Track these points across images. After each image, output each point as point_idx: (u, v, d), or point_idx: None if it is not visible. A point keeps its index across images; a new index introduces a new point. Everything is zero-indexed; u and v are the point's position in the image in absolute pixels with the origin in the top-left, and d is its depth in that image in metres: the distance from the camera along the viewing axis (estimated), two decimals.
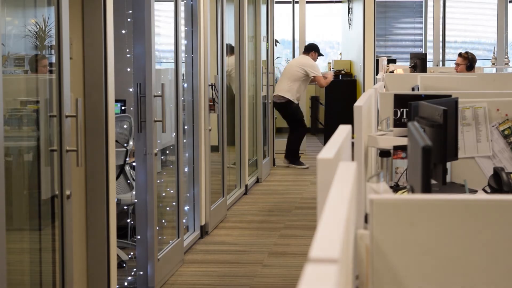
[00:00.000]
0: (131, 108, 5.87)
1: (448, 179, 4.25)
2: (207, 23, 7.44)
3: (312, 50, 11.55)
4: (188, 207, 6.90)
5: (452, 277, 1.76)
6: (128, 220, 6.25)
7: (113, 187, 4.96)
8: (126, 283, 5.65)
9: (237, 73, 9.25)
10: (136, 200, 5.81)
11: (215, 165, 7.95)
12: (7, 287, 3.46)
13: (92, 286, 4.82)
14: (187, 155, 6.90)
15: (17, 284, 3.92)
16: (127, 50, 5.89)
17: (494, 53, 13.99)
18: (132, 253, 6.04)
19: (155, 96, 5.71)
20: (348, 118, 3.43)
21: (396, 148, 4.85)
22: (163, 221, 6.21)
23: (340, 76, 14.20)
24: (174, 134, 6.47)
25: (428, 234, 1.76)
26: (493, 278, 1.75)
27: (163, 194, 6.42)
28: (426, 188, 3.00)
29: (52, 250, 4.18)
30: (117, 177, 5.60)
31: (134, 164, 5.90)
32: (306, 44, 12.03)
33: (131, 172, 6.31)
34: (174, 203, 6.42)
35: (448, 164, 4.25)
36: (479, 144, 4.56)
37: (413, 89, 6.64)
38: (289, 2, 14.24)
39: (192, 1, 7.02)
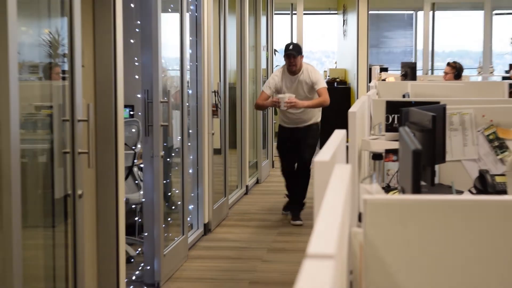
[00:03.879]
0: (139, 113, 5.87)
1: (436, 181, 4.25)
2: (211, 34, 7.45)
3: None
4: (192, 206, 6.90)
5: (440, 272, 1.76)
6: (136, 218, 6.25)
7: (122, 187, 4.96)
8: (134, 277, 5.66)
9: (238, 80, 9.26)
10: (143, 199, 5.81)
11: (217, 167, 7.96)
12: (23, 280, 3.46)
13: (102, 279, 4.82)
14: (191, 157, 6.91)
15: (32, 278, 3.92)
16: (135, 59, 5.90)
17: (480, 62, 14.00)
18: (139, 249, 6.05)
19: (161, 101, 5.72)
20: (342, 123, 3.44)
21: (388, 151, 4.86)
22: (169, 219, 6.22)
23: (335, 83, 14.20)
24: (180, 137, 6.48)
25: (418, 232, 1.77)
26: (478, 274, 1.76)
27: (169, 194, 6.42)
28: (416, 189, 3.01)
29: (65, 246, 4.18)
30: (126, 178, 5.60)
31: (141, 165, 5.91)
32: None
33: (139, 173, 6.32)
34: (179, 202, 6.43)
35: (437, 167, 4.25)
36: (465, 148, 4.56)
37: (404, 96, 6.64)
38: (288, 14, 14.24)
39: (196, 12, 7.03)
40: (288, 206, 7.81)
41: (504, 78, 12.76)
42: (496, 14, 14.30)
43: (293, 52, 7.16)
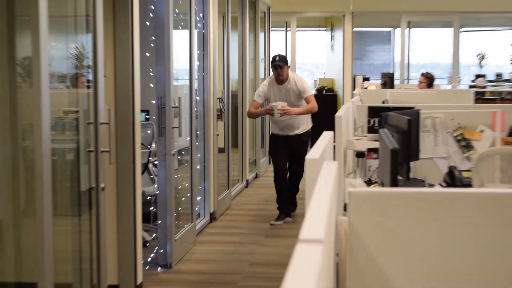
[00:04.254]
0: (154, 117, 5.87)
1: (411, 176, 4.26)
2: (216, 48, 7.45)
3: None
4: (199, 198, 6.90)
5: (415, 255, 1.77)
6: (151, 208, 6.24)
7: (139, 181, 4.96)
8: (149, 259, 5.65)
9: (240, 88, 9.26)
10: (157, 192, 5.81)
11: (221, 164, 7.96)
12: (54, 262, 3.46)
13: (122, 261, 4.82)
14: (199, 155, 6.91)
15: (62, 259, 3.92)
16: (150, 70, 5.90)
17: (449, 73, 14.00)
18: (154, 235, 6.04)
19: (173, 107, 5.72)
20: (330, 125, 3.44)
21: (370, 150, 4.86)
22: (180, 209, 6.22)
23: (324, 91, 14.20)
24: (189, 138, 6.48)
25: (396, 220, 1.77)
26: (448, 256, 1.76)
27: (180, 187, 6.42)
28: (394, 183, 3.01)
29: (89, 232, 4.18)
30: (142, 173, 5.60)
31: (156, 162, 5.91)
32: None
33: (153, 169, 6.31)
34: (188, 194, 6.43)
35: (412, 163, 4.25)
36: (436, 147, 4.56)
37: (383, 102, 6.64)
38: (283, 30, 14.22)
39: (203, 29, 7.03)
40: (280, 216, 7.07)
41: (470, 86, 12.77)
42: (463, 31, 14.31)
43: (280, 63, 6.73)
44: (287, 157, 7.01)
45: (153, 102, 5.80)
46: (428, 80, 10.17)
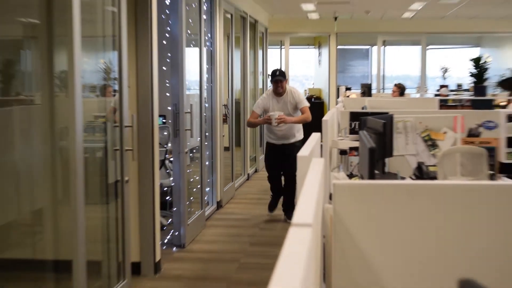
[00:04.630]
0: (169, 121, 5.87)
1: (386, 170, 4.26)
2: (221, 63, 7.45)
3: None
4: (208, 189, 6.91)
5: (389, 236, 1.77)
6: (167, 197, 6.25)
7: (157, 175, 4.96)
8: (166, 241, 5.66)
9: (242, 97, 9.27)
10: (173, 184, 5.82)
11: (226, 160, 7.96)
12: (86, 243, 3.47)
13: (143, 242, 4.82)
14: (207, 153, 6.91)
15: (92, 240, 3.93)
16: (167, 81, 5.89)
17: (418, 84, 14.01)
18: (170, 220, 6.05)
19: (186, 112, 5.73)
20: (318, 128, 3.45)
21: (351, 148, 4.86)
22: (191, 198, 6.22)
23: (313, 99, 14.21)
24: (199, 138, 6.49)
25: (373, 208, 1.77)
26: (416, 239, 1.76)
27: (191, 179, 6.43)
28: (371, 176, 3.02)
29: (115, 218, 4.18)
30: (160, 168, 5.61)
31: (171, 159, 5.91)
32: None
33: (169, 165, 6.32)
34: (198, 186, 6.44)
35: (386, 160, 4.26)
36: (407, 146, 4.56)
37: (362, 108, 6.65)
38: (278, 48, 14.23)
39: (211, 47, 7.03)
40: (272, 205, 6.88)
41: (435, 95, 12.78)
42: (429, 48, 14.31)
43: (280, 78, 6.30)
44: (281, 165, 6.56)
45: (169, 108, 5.81)
46: (400, 89, 10.18)
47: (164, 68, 5.85)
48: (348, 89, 12.34)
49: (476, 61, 13.63)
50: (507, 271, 1.73)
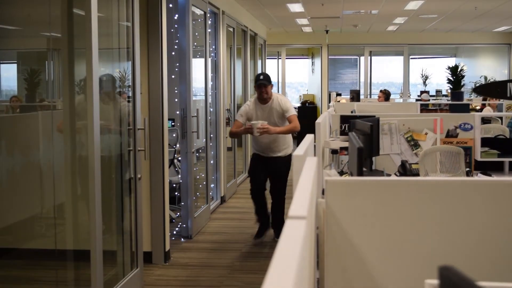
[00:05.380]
0: (178, 124, 5.87)
1: (373, 167, 4.26)
2: (224, 71, 7.45)
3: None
4: (213, 185, 6.90)
5: (376, 228, 1.77)
6: (176, 193, 6.25)
7: (167, 172, 4.96)
8: (174, 232, 5.65)
9: (243, 102, 9.27)
10: (181, 181, 5.82)
11: (229, 159, 7.96)
12: (104, 232, 3.46)
13: (154, 233, 4.82)
14: (212, 152, 6.91)
15: (108, 231, 3.93)
16: (175, 88, 5.90)
17: (401, 90, 14.00)
18: (178, 213, 6.05)
19: (192, 116, 5.73)
20: (311, 130, 3.45)
21: (342, 148, 4.87)
22: (198, 193, 6.22)
23: (307, 104, 14.23)
24: (204, 139, 6.48)
25: (362, 201, 1.77)
26: (401, 230, 1.76)
27: (198, 177, 6.43)
28: (360, 173, 3.02)
29: (129, 211, 4.18)
30: (169, 166, 5.61)
31: (179, 158, 5.91)
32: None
33: (178, 163, 6.32)
34: (204, 182, 6.43)
35: (373, 158, 4.26)
36: (392, 146, 4.57)
37: (352, 112, 6.65)
38: (275, 58, 14.24)
39: (215, 58, 7.04)
40: (259, 232, 5.47)
41: (417, 100, 12.76)
42: (411, 58, 14.31)
43: (264, 82, 5.12)
44: (265, 178, 5.30)
45: (177, 112, 5.81)
46: (385, 95, 10.18)
47: (173, 76, 5.85)
48: (338, 94, 12.35)
49: (453, 69, 13.61)
50: (483, 259, 1.73)
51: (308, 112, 13.76)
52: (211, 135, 6.85)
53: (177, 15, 5.75)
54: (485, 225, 1.73)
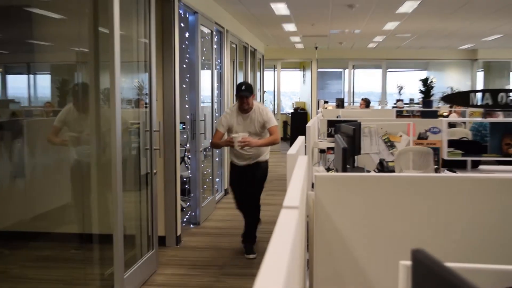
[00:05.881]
0: (188, 126, 5.87)
1: (355, 165, 4.26)
2: (228, 82, 7.45)
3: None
4: (218, 179, 6.90)
5: (360, 217, 1.77)
6: (186, 186, 6.26)
7: (178, 168, 4.96)
8: (185, 219, 5.66)
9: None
10: (190, 175, 5.81)
11: None
12: (123, 220, 3.46)
13: (167, 220, 4.82)
14: (217, 151, 6.90)
15: (129, 219, 3.93)
16: (186, 96, 5.90)
17: (380, 98, 14.01)
18: (188, 203, 6.04)
19: (201, 120, 5.73)
20: (302, 132, 3.45)
21: (328, 148, 4.87)
22: (205, 186, 6.22)
23: (299, 110, 14.21)
24: (211, 140, 6.48)
25: (346, 194, 1.77)
26: (380, 220, 1.76)
27: (205, 172, 6.43)
28: (344, 169, 3.02)
29: (146, 201, 4.19)
30: (180, 163, 5.61)
31: (189, 156, 5.91)
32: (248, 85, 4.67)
33: (188, 160, 6.32)
34: (210, 177, 6.43)
35: (356, 157, 4.26)
36: (371, 146, 4.57)
37: (337, 117, 6.66)
38: (272, 70, 14.23)
39: (220, 69, 7.04)
40: (248, 248, 4.64)
41: (393, 107, 12.77)
42: (388, 71, 14.31)
43: (246, 93, 4.34)
44: (246, 186, 4.60)
45: (188, 116, 5.81)
46: (366, 103, 10.18)
47: (184, 86, 5.85)
48: (326, 102, 12.36)
49: (424, 81, 13.67)
50: (450, 242, 1.73)
51: (299, 117, 13.77)
52: None
53: (187, 33, 5.75)
54: (450, 213, 1.74)
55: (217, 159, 6.80)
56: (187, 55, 5.76)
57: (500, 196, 1.71)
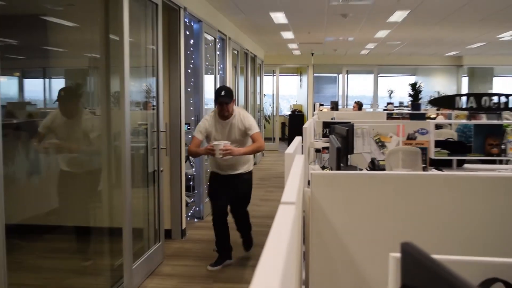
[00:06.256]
0: (193, 127, 5.87)
1: (349, 163, 4.26)
2: (230, 85, 7.44)
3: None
4: None
5: (351, 211, 1.77)
6: (191, 183, 6.25)
7: (183, 166, 4.96)
8: (189, 214, 5.65)
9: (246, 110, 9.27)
10: (195, 173, 5.81)
11: None
12: (132, 215, 3.46)
13: (173, 214, 4.82)
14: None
15: (137, 213, 3.93)
16: (191, 99, 5.90)
17: (371, 101, 14.00)
18: (192, 199, 6.04)
19: None
20: (299, 133, 3.45)
21: (323, 147, 4.86)
22: (208, 183, 6.21)
23: (296, 112, 14.21)
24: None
25: (339, 190, 1.77)
26: (371, 212, 1.76)
27: (208, 169, 6.42)
28: (338, 168, 3.02)
29: (153, 197, 4.18)
30: (186, 161, 5.60)
31: None
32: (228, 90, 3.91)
33: (192, 159, 6.32)
34: None
35: (349, 156, 4.26)
36: (363, 146, 4.56)
37: (332, 119, 6.65)
38: (271, 75, 14.23)
39: (223, 74, 7.03)
40: (218, 261, 4.10)
41: (384, 110, 12.76)
42: (380, 76, 14.30)
43: (226, 99, 3.71)
44: (227, 201, 4.03)
45: (192, 118, 5.80)
46: (359, 106, 10.17)
47: (189, 89, 5.85)
48: (321, 105, 12.33)
49: (413, 85, 13.63)
50: (437, 235, 1.73)
51: (296, 119, 13.77)
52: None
53: (192, 40, 5.74)
54: (437, 208, 1.74)
55: None
56: (192, 61, 5.76)
57: (483, 192, 1.72)
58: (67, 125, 3.52)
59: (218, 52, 6.50)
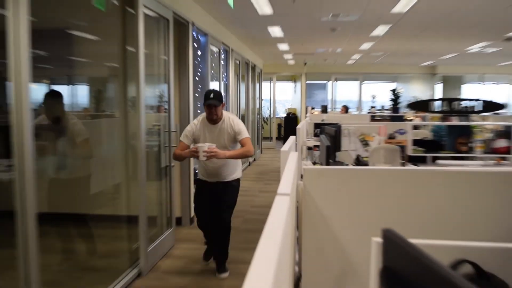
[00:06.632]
0: None
1: (337, 160, 4.27)
2: (233, 92, 7.44)
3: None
4: None
5: (339, 202, 1.77)
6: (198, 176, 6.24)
7: (192, 162, 4.95)
8: None
9: (246, 113, 9.23)
10: None
11: None
12: (147, 204, 3.46)
13: (183, 204, 4.81)
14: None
15: (150, 204, 3.93)
16: (198, 103, 5.89)
17: (357, 105, 13.99)
18: None
19: None
20: (294, 133, 3.44)
21: (315, 146, 4.86)
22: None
23: (291, 114, 14.20)
24: None
25: (329, 183, 1.77)
26: (358, 203, 1.77)
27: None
28: (327, 163, 3.02)
29: (165, 190, 4.18)
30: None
31: None
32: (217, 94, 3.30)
33: None
34: None
35: (337, 153, 4.27)
36: (350, 144, 4.56)
37: (322, 120, 6.65)
38: (268, 81, 14.21)
39: (226, 81, 7.02)
40: (207, 253, 3.69)
41: (368, 112, 12.77)
42: (364, 83, 14.29)
43: (215, 102, 3.18)
44: (212, 208, 3.43)
45: None
46: (345, 109, 10.17)
47: (196, 94, 5.83)
48: (313, 108, 12.31)
49: (393, 91, 13.71)
50: (415, 222, 1.74)
51: (291, 121, 13.75)
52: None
53: (199, 51, 5.74)
54: (414, 198, 1.74)
55: None
56: (199, 69, 5.75)
57: (452, 184, 1.72)
58: (52, 129, 3.10)
59: (222, 62, 6.49)
